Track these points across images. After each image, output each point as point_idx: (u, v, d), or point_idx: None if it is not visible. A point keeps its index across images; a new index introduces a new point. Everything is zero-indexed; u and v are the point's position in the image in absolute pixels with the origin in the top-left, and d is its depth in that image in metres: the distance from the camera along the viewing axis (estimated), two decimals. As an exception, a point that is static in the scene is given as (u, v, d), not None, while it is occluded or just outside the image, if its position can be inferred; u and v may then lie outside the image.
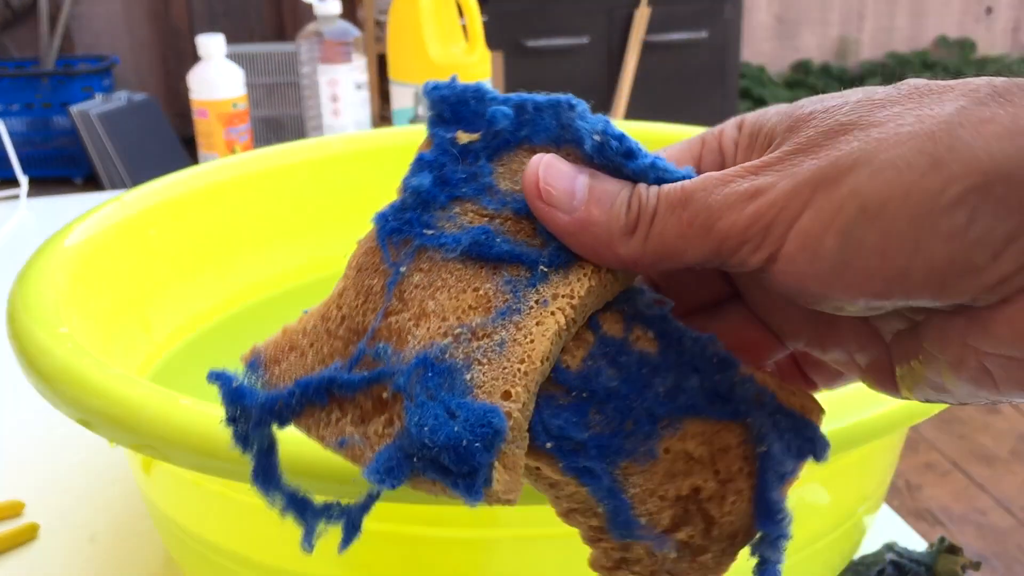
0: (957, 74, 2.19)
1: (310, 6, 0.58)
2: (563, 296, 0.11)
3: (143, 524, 0.27)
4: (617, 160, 0.12)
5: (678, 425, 0.11)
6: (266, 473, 0.12)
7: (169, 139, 1.58)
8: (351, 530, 0.12)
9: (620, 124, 0.39)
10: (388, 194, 0.50)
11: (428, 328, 0.11)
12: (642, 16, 1.62)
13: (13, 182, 0.57)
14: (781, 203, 0.10)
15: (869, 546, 0.24)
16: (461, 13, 0.56)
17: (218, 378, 0.12)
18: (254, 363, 0.12)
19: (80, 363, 0.19)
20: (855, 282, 0.10)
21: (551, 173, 0.11)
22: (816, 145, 0.10)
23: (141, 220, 0.30)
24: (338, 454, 0.11)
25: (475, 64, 0.56)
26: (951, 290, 0.10)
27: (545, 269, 0.11)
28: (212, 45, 0.56)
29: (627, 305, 0.12)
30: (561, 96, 0.12)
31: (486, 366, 0.11)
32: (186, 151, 1.59)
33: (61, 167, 1.67)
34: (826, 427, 0.16)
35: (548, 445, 0.11)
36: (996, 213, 0.09)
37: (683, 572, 0.11)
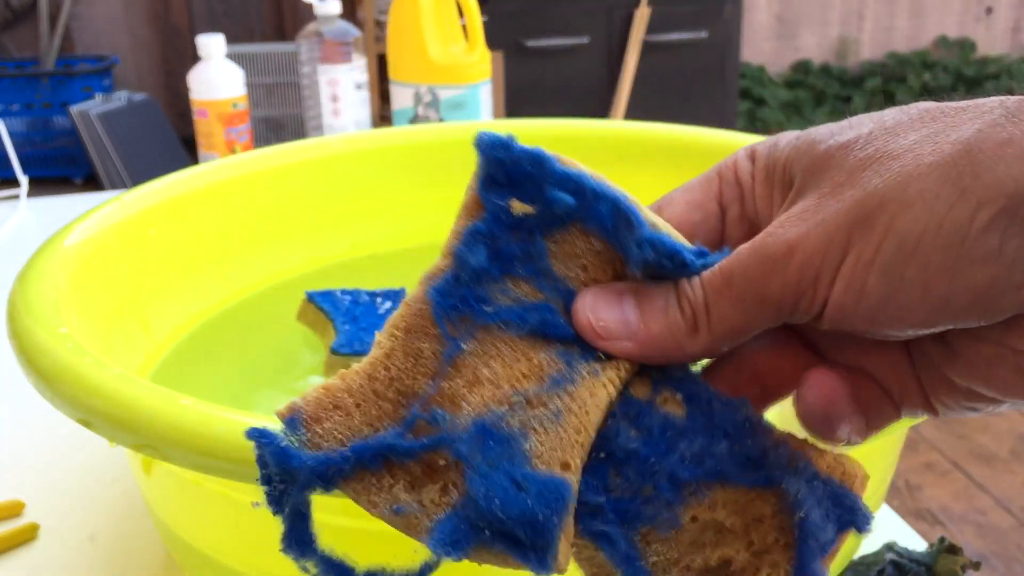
0: (957, 74, 2.21)
1: (310, 6, 0.58)
2: (612, 368, 0.11)
3: (143, 524, 0.27)
4: (664, 262, 0.12)
5: (706, 492, 0.11)
6: (301, 538, 0.12)
7: (169, 139, 1.58)
8: None
9: (620, 124, 0.39)
10: (389, 194, 0.50)
11: (482, 395, 0.11)
12: (642, 16, 1.62)
13: (13, 182, 0.57)
14: (821, 252, 0.11)
15: (869, 546, 0.24)
16: (461, 13, 0.56)
17: (262, 436, 0.11)
18: (293, 421, 0.11)
19: (80, 363, 0.19)
20: (900, 315, 0.10)
21: (599, 309, 0.12)
22: (840, 186, 0.11)
23: (141, 220, 0.30)
24: (391, 521, 0.11)
25: (475, 64, 0.56)
26: (994, 309, 0.10)
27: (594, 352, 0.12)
28: (212, 45, 0.56)
29: (656, 367, 0.12)
30: (618, 192, 0.12)
31: (542, 435, 0.11)
32: (186, 151, 1.59)
33: (61, 167, 1.67)
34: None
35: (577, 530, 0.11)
36: None
37: None
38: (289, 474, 0.11)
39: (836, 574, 0.23)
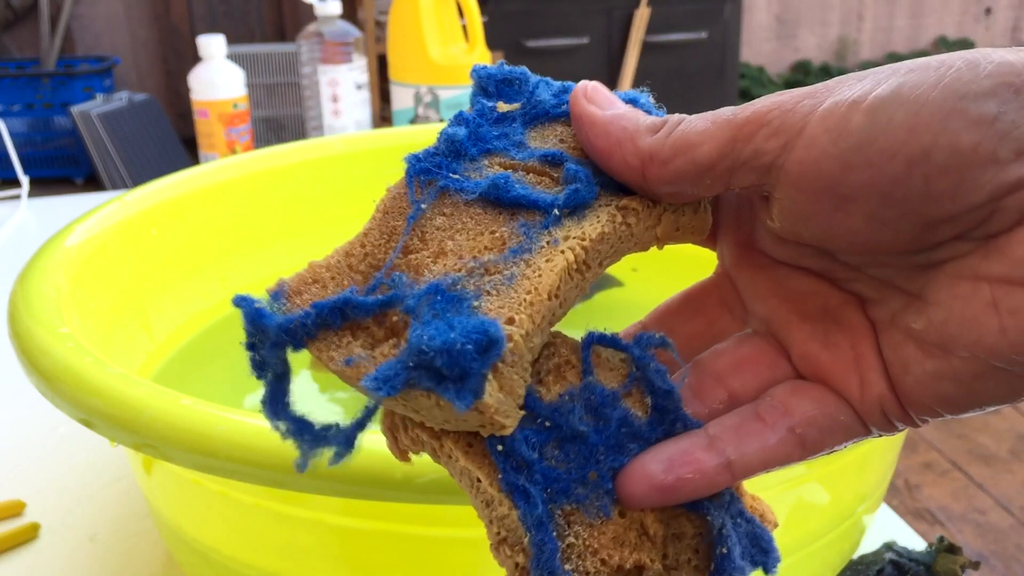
0: (957, 74, 2.20)
1: (311, 7, 0.58)
2: (574, 238, 0.12)
3: (144, 524, 0.27)
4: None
5: None
6: (275, 400, 0.12)
7: (170, 139, 1.58)
8: (346, 445, 0.12)
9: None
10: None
11: (444, 264, 0.12)
12: (642, 16, 1.62)
13: (14, 182, 0.57)
14: (806, 93, 0.11)
15: (868, 545, 0.24)
16: (461, 13, 0.56)
17: (242, 301, 0.12)
18: (277, 294, 0.12)
19: (81, 363, 0.19)
20: (877, 161, 0.10)
21: (598, 88, 0.13)
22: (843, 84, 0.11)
23: (142, 220, 0.30)
24: (342, 373, 0.11)
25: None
26: (970, 183, 0.09)
27: (558, 213, 0.12)
28: (213, 45, 0.56)
29: (639, 364, 0.12)
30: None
31: (494, 296, 0.11)
32: (187, 151, 1.59)
33: (62, 167, 1.67)
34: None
35: (498, 448, 0.11)
36: (1005, 141, 0.09)
37: None
38: (262, 333, 0.12)
39: (836, 573, 0.23)
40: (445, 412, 0.10)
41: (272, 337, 0.12)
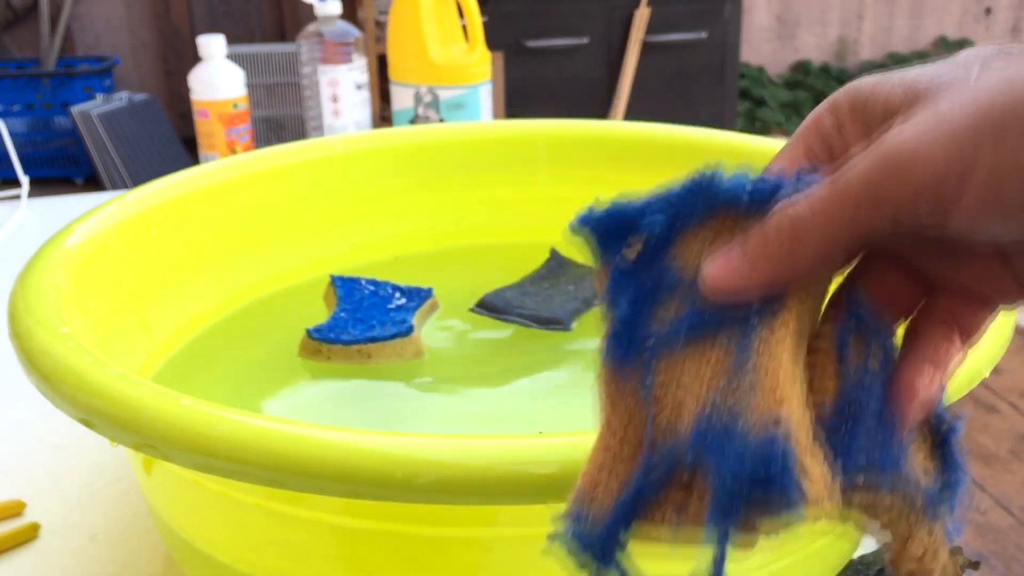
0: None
1: (310, 7, 0.58)
2: (778, 328, 0.12)
3: (144, 524, 0.27)
4: (768, 199, 0.12)
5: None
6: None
7: (170, 139, 1.58)
8: None
9: (620, 125, 0.39)
10: (389, 195, 0.50)
11: (691, 411, 0.12)
12: (642, 16, 1.62)
13: (14, 182, 0.57)
14: (949, 156, 0.10)
15: (868, 545, 0.25)
16: (461, 14, 0.56)
17: (563, 537, 0.13)
18: (577, 514, 0.13)
19: (81, 362, 0.19)
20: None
21: (706, 267, 0.12)
22: (956, 101, 0.11)
23: (142, 220, 0.30)
24: (682, 544, 0.12)
25: (475, 64, 0.56)
26: None
27: (755, 321, 0.12)
28: (213, 45, 0.56)
29: (856, 321, 0.13)
30: (694, 176, 0.13)
31: (749, 410, 0.12)
32: (187, 151, 1.59)
33: (62, 167, 1.67)
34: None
35: (860, 480, 0.12)
36: None
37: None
38: (591, 552, 0.13)
39: (836, 574, 0.23)
40: (785, 514, 0.11)
41: (599, 549, 0.12)
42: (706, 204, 0.13)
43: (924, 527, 0.13)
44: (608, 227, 0.13)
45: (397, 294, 0.33)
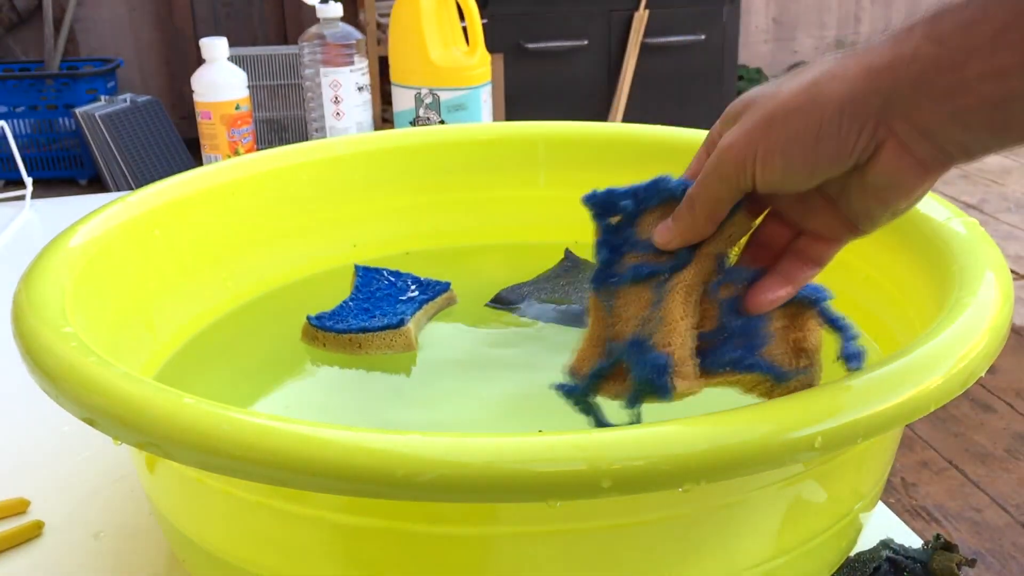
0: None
1: (312, 9, 0.58)
2: (678, 282, 0.21)
3: (147, 521, 0.27)
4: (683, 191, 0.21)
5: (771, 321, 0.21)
6: (597, 417, 0.21)
7: (173, 141, 1.59)
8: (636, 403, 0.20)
9: (619, 126, 0.39)
10: (391, 195, 0.50)
11: (628, 326, 0.21)
12: (641, 19, 1.63)
13: (18, 183, 0.58)
14: (745, 146, 0.19)
15: (865, 543, 0.25)
16: (462, 16, 0.57)
17: (562, 387, 0.21)
18: (570, 376, 0.21)
19: (85, 362, 0.20)
20: (795, 175, 0.18)
21: (656, 232, 0.21)
22: (755, 112, 0.19)
23: (145, 221, 0.30)
24: (616, 397, 0.21)
25: (475, 66, 0.56)
26: (840, 163, 0.18)
27: (667, 275, 0.21)
28: (215, 48, 0.57)
29: (723, 274, 0.21)
30: (654, 178, 0.21)
31: (656, 333, 0.20)
32: (190, 153, 1.59)
33: (66, 168, 1.68)
34: (825, 426, 0.17)
35: (726, 370, 0.20)
36: (852, 121, 0.17)
37: (803, 383, 0.20)
38: (573, 396, 0.21)
39: (833, 571, 0.23)
40: (665, 399, 0.20)
41: (583, 392, 0.21)
42: (659, 195, 0.21)
43: (780, 388, 0.20)
44: (601, 204, 0.21)
45: (413, 287, 0.33)
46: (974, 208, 1.58)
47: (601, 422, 0.21)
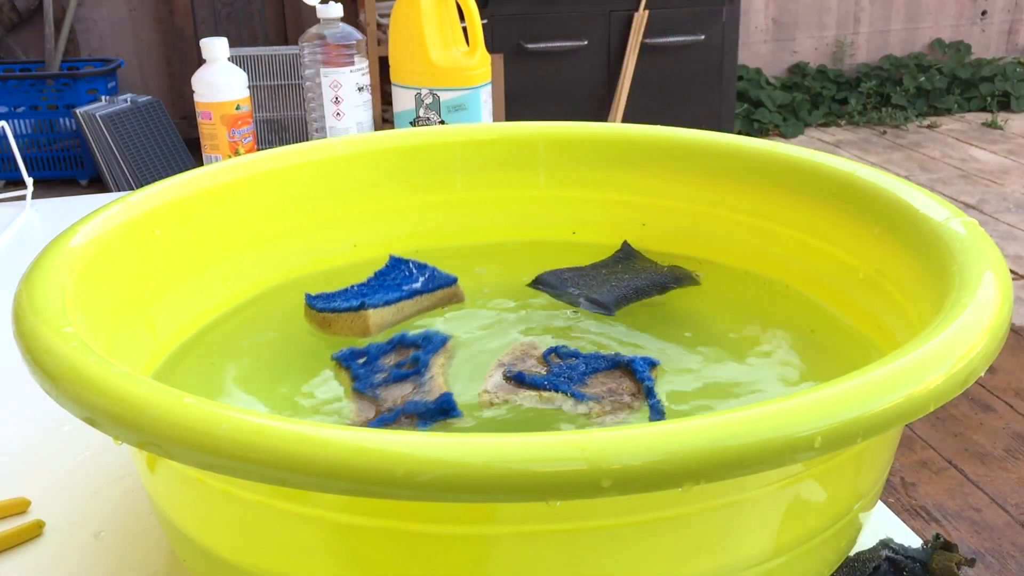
0: (952, 76, 2.21)
1: (313, 9, 0.58)
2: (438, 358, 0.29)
3: (148, 521, 0.27)
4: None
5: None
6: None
7: (173, 141, 1.59)
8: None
9: (619, 127, 0.39)
10: (391, 196, 0.51)
11: (406, 396, 0.27)
12: (640, 19, 1.63)
13: (19, 183, 0.58)
14: None
15: (864, 542, 0.25)
16: (462, 16, 0.57)
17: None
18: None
19: (85, 361, 0.20)
20: None
21: None
22: None
23: (146, 221, 0.30)
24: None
25: (475, 67, 0.56)
26: None
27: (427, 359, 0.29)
28: (216, 48, 0.57)
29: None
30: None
31: (430, 392, 0.27)
32: (190, 153, 1.59)
33: (66, 169, 1.68)
34: (824, 426, 0.17)
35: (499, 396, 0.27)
36: None
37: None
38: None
39: (833, 570, 0.23)
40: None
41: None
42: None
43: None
44: (346, 357, 0.30)
45: (421, 279, 0.34)
46: (973, 208, 1.58)
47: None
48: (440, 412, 0.26)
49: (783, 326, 0.32)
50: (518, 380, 0.27)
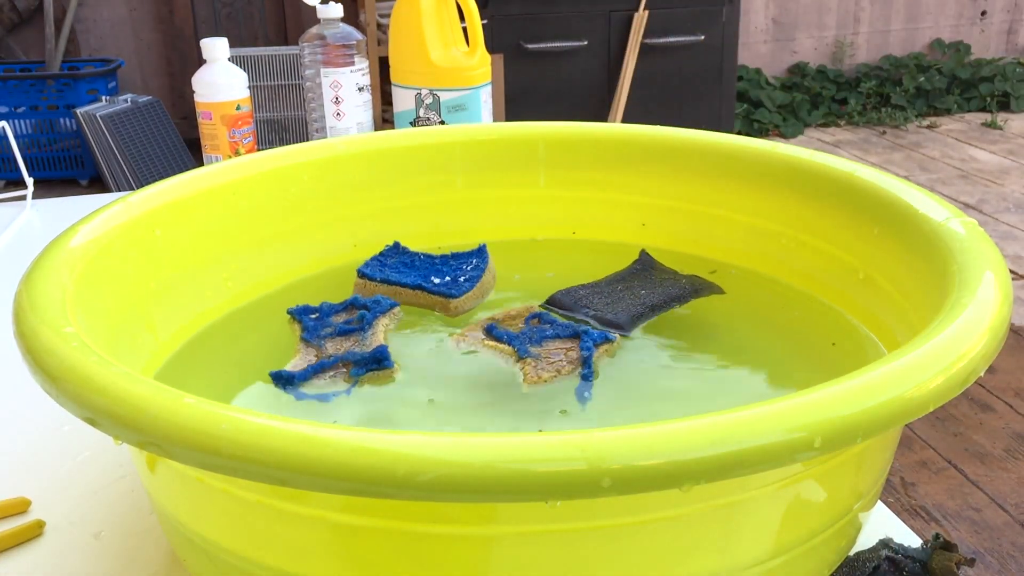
0: (952, 77, 2.21)
1: (313, 10, 0.58)
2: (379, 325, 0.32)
3: (148, 521, 0.27)
4: None
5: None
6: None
7: (173, 141, 1.59)
8: None
9: (619, 127, 0.39)
10: (391, 195, 0.52)
11: (340, 349, 0.30)
12: (640, 19, 1.63)
13: (19, 183, 0.58)
14: None
15: (864, 542, 0.25)
16: (462, 16, 0.57)
17: (279, 377, 0.28)
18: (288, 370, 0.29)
19: (85, 361, 0.20)
20: None
21: None
22: None
23: (146, 221, 0.30)
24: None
25: (475, 67, 0.56)
26: None
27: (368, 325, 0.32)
28: (216, 48, 0.57)
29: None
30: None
31: (368, 345, 0.30)
32: (190, 153, 1.59)
33: (67, 169, 1.68)
34: (824, 426, 0.17)
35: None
36: None
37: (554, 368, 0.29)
38: (283, 382, 0.29)
39: (832, 570, 0.23)
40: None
41: (297, 381, 0.29)
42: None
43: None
44: (300, 312, 0.32)
45: (434, 260, 0.36)
46: (973, 208, 1.58)
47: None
48: (374, 361, 0.28)
49: (783, 326, 0.32)
50: (487, 331, 0.30)
